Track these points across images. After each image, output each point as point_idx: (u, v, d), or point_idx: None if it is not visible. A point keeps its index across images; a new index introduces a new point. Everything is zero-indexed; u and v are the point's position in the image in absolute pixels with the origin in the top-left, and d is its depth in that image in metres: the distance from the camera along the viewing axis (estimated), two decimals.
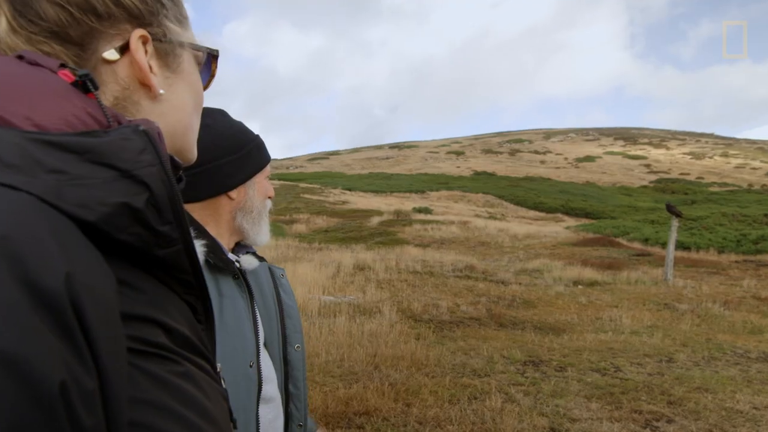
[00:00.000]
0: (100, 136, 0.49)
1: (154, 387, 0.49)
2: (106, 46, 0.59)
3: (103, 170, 0.48)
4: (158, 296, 0.54)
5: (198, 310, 0.63)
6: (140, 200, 0.49)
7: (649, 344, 7.66)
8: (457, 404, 5.04)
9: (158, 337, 0.51)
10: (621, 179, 73.83)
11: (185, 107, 0.70)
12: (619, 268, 15.30)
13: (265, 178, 1.61)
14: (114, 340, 0.44)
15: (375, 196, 48.74)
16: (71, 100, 0.51)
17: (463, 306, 9.91)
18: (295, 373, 1.62)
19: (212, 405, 0.55)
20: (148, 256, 0.52)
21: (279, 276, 1.70)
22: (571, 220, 39.65)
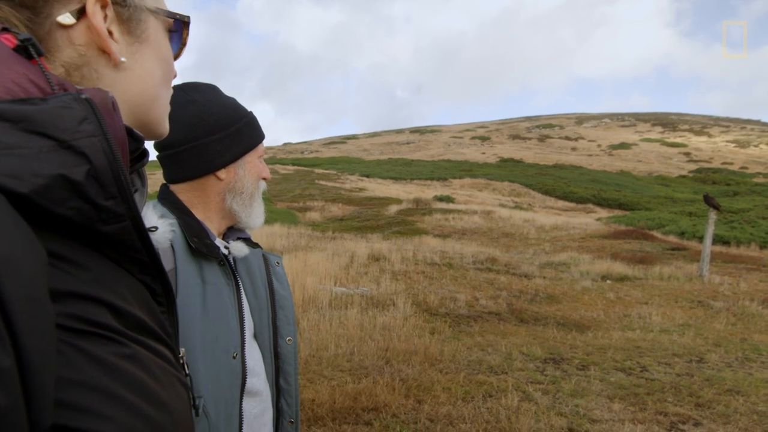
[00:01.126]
0: (37, 104, 0.49)
1: (92, 368, 0.48)
2: (61, 10, 0.59)
3: (39, 140, 0.48)
4: (106, 275, 0.54)
5: (157, 291, 0.63)
6: (79, 172, 0.49)
7: (679, 343, 7.63)
8: (470, 402, 5.07)
9: (101, 316, 0.51)
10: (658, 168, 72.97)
11: (151, 77, 0.69)
12: (651, 263, 15.19)
13: (259, 157, 1.59)
14: (37, 317, 0.43)
15: (394, 183, 48.70)
16: (11, 66, 0.51)
17: (483, 300, 9.92)
18: (285, 367, 1.62)
19: (163, 389, 0.55)
20: (93, 233, 0.52)
21: (274, 264, 1.69)
22: (603, 211, 39.32)
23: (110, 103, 0.55)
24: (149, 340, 0.56)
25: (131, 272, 0.58)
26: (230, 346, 1.41)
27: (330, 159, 72.74)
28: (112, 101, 0.56)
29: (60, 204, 0.48)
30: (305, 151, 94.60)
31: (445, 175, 55.61)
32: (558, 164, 70.52)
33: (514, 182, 51.80)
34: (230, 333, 1.42)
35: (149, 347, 0.56)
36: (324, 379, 5.43)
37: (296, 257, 12.03)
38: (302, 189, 37.53)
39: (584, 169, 66.52)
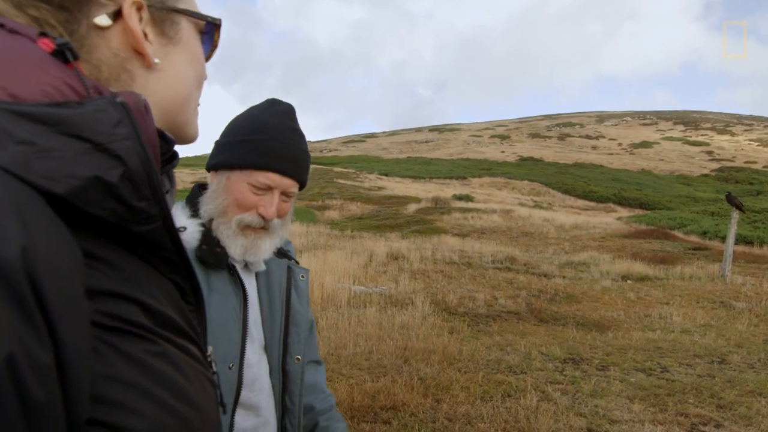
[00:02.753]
0: (74, 108, 0.50)
1: (125, 364, 0.50)
2: (97, 12, 0.60)
3: (75, 142, 0.49)
4: (138, 274, 0.55)
5: (186, 291, 0.64)
6: (114, 174, 0.50)
7: (701, 344, 7.55)
8: (489, 401, 5.07)
9: (134, 315, 0.52)
10: (680, 167, 72.23)
11: (184, 78, 0.70)
12: (672, 263, 15.04)
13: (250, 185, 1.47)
14: (74, 314, 0.44)
15: (413, 181, 48.72)
16: (48, 69, 0.52)
17: (502, 299, 9.90)
18: (291, 387, 1.58)
19: (192, 386, 0.57)
20: (127, 233, 0.54)
21: (298, 277, 1.64)
22: (624, 210, 39.03)
23: (143, 106, 0.56)
24: (179, 338, 0.58)
25: (162, 272, 0.60)
26: (227, 357, 1.40)
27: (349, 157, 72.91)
28: (144, 104, 0.57)
29: (95, 205, 0.49)
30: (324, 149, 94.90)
31: (464, 173, 55.50)
32: (578, 163, 70.07)
33: (533, 181, 51.56)
34: (230, 343, 1.42)
35: (179, 345, 0.57)
36: (342, 378, 5.45)
37: (315, 256, 12.08)
38: (321, 188, 37.65)
39: (605, 168, 66.04)
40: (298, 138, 1.54)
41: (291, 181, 1.50)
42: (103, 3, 0.61)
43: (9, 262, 0.40)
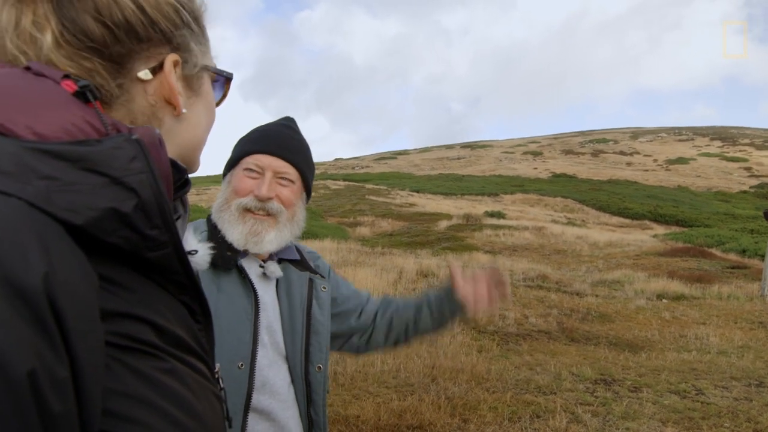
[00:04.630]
0: (93, 145, 0.55)
1: (136, 381, 0.54)
2: (140, 66, 0.67)
3: (94, 177, 0.53)
4: (149, 296, 0.60)
5: (196, 311, 0.68)
6: (128, 205, 0.55)
7: (738, 366, 7.36)
8: (517, 422, 5.00)
9: (145, 334, 0.57)
10: (717, 184, 70.92)
11: (200, 125, 0.78)
12: (710, 282, 14.74)
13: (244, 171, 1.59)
14: (90, 334, 0.49)
15: (444, 198, 48.61)
16: (71, 109, 0.57)
17: (532, 318, 9.79)
18: (314, 397, 1.60)
19: (198, 402, 0.60)
20: (139, 258, 0.58)
21: (320, 289, 1.68)
22: (660, 227, 38.39)
23: (157, 140, 0.61)
24: (187, 356, 0.62)
25: (172, 293, 0.64)
26: (236, 357, 1.43)
27: (380, 174, 73.13)
28: (158, 138, 0.62)
29: (111, 233, 0.54)
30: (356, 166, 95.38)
31: (496, 190, 55.23)
32: (612, 179, 69.25)
33: (566, 198, 51.07)
34: (239, 343, 1.46)
35: (186, 362, 0.62)
36: (369, 396, 5.44)
37: (345, 272, 12.10)
38: (353, 204, 37.78)
39: (640, 185, 65.15)
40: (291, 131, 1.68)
41: (282, 162, 1.60)
42: (146, 59, 0.67)
43: (32, 287, 0.45)
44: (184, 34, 0.71)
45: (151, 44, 0.67)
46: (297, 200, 1.65)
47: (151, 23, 0.66)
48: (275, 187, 1.58)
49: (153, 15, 0.66)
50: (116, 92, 0.66)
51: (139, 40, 0.66)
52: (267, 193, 1.55)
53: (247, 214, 1.55)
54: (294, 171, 1.62)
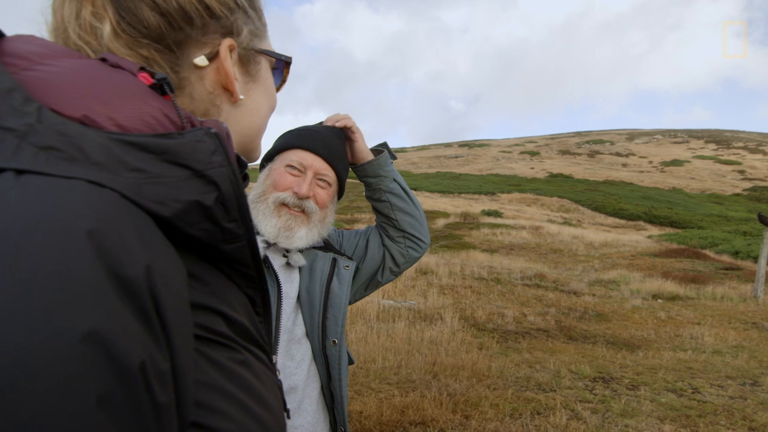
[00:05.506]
0: (176, 138, 0.55)
1: (216, 372, 0.55)
2: (197, 53, 0.67)
3: (178, 170, 0.54)
4: (221, 288, 0.60)
5: (257, 303, 0.69)
6: (210, 198, 0.55)
7: (733, 365, 7.41)
8: (518, 419, 5.03)
9: (220, 326, 0.57)
10: (711, 186, 71.07)
11: (260, 111, 0.78)
12: (704, 283, 14.79)
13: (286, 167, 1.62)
14: (184, 327, 0.50)
15: (441, 196, 48.63)
16: (149, 102, 0.57)
17: (531, 316, 9.83)
18: (333, 373, 1.63)
19: (267, 392, 0.62)
20: (215, 251, 0.59)
21: (342, 267, 1.71)
22: (654, 228, 38.49)
23: (225, 134, 0.62)
24: (253, 347, 0.63)
25: (239, 285, 0.65)
26: None
27: None
28: (226, 132, 0.62)
29: (193, 226, 0.55)
30: None
31: (493, 189, 55.27)
32: (608, 180, 69.35)
33: (563, 198, 51.14)
34: None
35: (254, 353, 0.62)
36: (371, 392, 5.46)
37: None
38: (350, 201, 37.77)
39: (635, 186, 65.26)
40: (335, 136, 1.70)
41: (323, 164, 1.64)
42: (202, 45, 0.67)
43: (137, 280, 0.45)
44: (239, 19, 0.71)
45: (206, 30, 0.67)
46: (330, 203, 1.70)
47: (205, 8, 0.66)
48: (314, 187, 1.62)
49: (207, 0, 0.66)
50: (175, 80, 0.66)
51: (194, 27, 0.66)
52: (306, 192, 1.59)
53: (283, 208, 1.58)
54: (333, 174, 1.67)
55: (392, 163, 1.87)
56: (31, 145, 0.47)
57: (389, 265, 1.85)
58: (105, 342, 0.41)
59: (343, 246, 1.85)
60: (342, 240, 1.87)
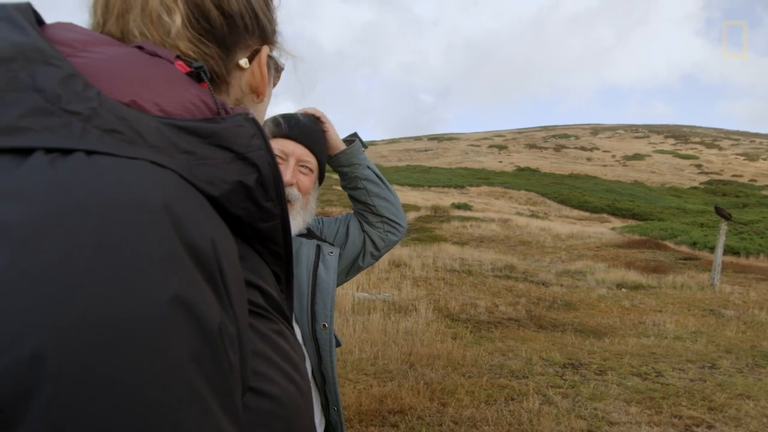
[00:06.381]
0: (219, 123, 0.58)
1: (261, 340, 0.58)
2: (242, 55, 0.72)
3: (223, 152, 0.57)
4: (256, 264, 0.63)
5: (281, 280, 0.72)
6: (251, 179, 0.58)
7: (693, 350, 7.66)
8: (493, 405, 5.15)
9: (259, 299, 0.61)
10: (670, 179, 72.39)
11: (264, 110, 0.84)
12: (664, 272, 15.13)
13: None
14: (242, 297, 0.53)
15: (412, 190, 48.72)
16: (188, 88, 0.59)
17: (502, 306, 9.99)
18: (323, 354, 1.65)
19: (300, 361, 0.66)
20: (252, 229, 0.62)
21: (326, 253, 1.73)
22: (617, 220, 39.10)
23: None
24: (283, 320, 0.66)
25: (267, 262, 0.68)
26: None
27: None
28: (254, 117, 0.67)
29: (236, 205, 0.58)
30: None
31: (462, 182, 55.56)
32: (573, 174, 70.19)
33: (530, 191, 51.64)
34: None
35: (285, 325, 0.66)
36: (350, 383, 5.52)
37: None
38: (320, 194, 37.51)
39: (599, 179, 66.15)
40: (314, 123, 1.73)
41: (304, 150, 1.66)
42: (246, 48, 0.72)
43: (207, 251, 0.48)
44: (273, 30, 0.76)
45: (251, 36, 0.72)
46: (312, 189, 1.72)
47: (255, 15, 0.71)
48: (296, 174, 1.64)
49: (256, 8, 0.71)
50: (225, 77, 0.70)
51: (245, 31, 0.70)
52: (290, 179, 1.61)
53: None
54: (314, 160, 1.69)
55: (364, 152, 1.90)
56: (95, 128, 0.49)
57: (370, 250, 1.88)
58: (188, 305, 0.44)
59: (323, 233, 1.88)
60: (322, 227, 1.90)
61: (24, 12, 0.55)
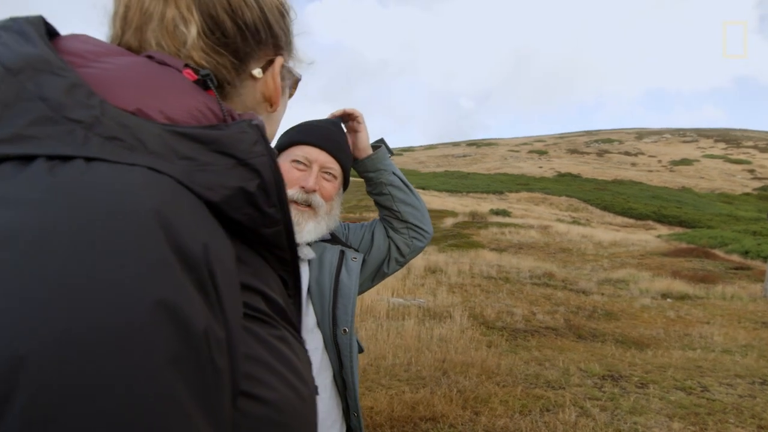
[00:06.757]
0: (222, 129, 0.59)
1: (260, 346, 0.59)
2: (255, 65, 0.73)
3: (225, 158, 0.58)
4: (260, 269, 0.65)
5: (289, 285, 0.74)
6: (253, 185, 0.60)
7: (742, 364, 7.40)
8: (528, 415, 5.05)
9: (260, 304, 0.61)
10: (721, 185, 70.73)
11: (279, 120, 0.86)
12: (713, 282, 14.75)
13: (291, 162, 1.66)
14: (235, 302, 0.54)
15: (450, 195, 48.63)
16: (194, 96, 0.62)
17: (540, 315, 9.84)
18: (344, 360, 1.67)
19: (303, 367, 0.66)
20: (255, 234, 0.63)
21: (350, 259, 1.75)
22: (663, 228, 38.36)
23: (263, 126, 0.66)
24: (288, 326, 0.67)
25: (273, 267, 0.69)
26: None
27: None
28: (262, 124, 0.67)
29: (237, 210, 0.59)
30: None
31: (501, 188, 55.23)
32: (617, 179, 69.14)
33: (571, 197, 51.04)
34: None
35: (290, 331, 0.66)
36: (382, 388, 5.49)
37: None
38: (358, 200, 37.81)
39: (644, 185, 65.02)
40: (338, 129, 1.75)
41: (328, 157, 1.67)
42: (259, 59, 0.74)
43: (198, 256, 0.50)
44: (287, 41, 0.78)
45: (265, 47, 0.74)
46: (336, 195, 1.73)
47: (269, 27, 0.73)
48: (320, 181, 1.66)
49: (270, 19, 0.73)
50: (237, 86, 0.72)
51: (258, 42, 0.72)
52: (313, 185, 1.63)
53: (291, 205, 1.61)
54: (338, 167, 1.70)
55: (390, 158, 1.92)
56: (97, 135, 0.51)
57: (395, 256, 1.89)
58: (173, 309, 0.45)
59: (349, 239, 1.89)
60: (348, 233, 1.91)
61: (35, 24, 0.59)
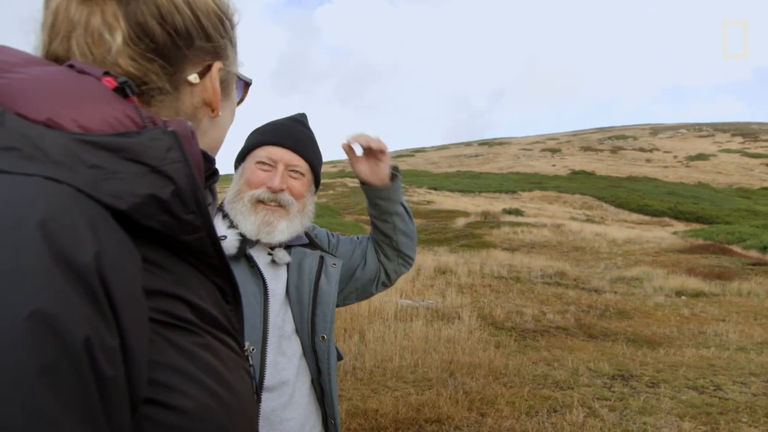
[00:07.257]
0: (133, 137, 0.60)
1: (177, 354, 0.60)
2: (190, 70, 0.73)
3: (135, 166, 0.59)
4: (185, 277, 0.65)
5: (227, 292, 0.75)
6: (166, 192, 0.60)
7: (757, 362, 7.33)
8: (534, 416, 5.04)
9: (181, 311, 0.62)
10: (739, 180, 70.12)
11: (225, 126, 0.85)
12: (729, 279, 14.63)
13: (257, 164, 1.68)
14: (135, 308, 0.54)
15: (462, 195, 48.57)
16: (111, 104, 0.62)
17: (550, 314, 9.81)
18: (321, 367, 1.69)
19: (231, 375, 0.66)
20: (176, 241, 0.63)
21: (329, 265, 1.77)
22: (680, 224, 38.06)
23: (190, 132, 0.67)
24: (220, 333, 0.68)
25: (206, 275, 0.70)
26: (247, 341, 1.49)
27: None
28: (191, 130, 0.67)
29: (150, 218, 0.59)
30: None
31: (513, 187, 55.07)
32: (632, 176, 68.73)
33: (585, 195, 50.81)
34: (251, 329, 1.55)
35: (219, 338, 0.67)
36: (388, 390, 5.50)
37: None
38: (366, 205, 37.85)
39: (659, 182, 64.61)
40: (302, 126, 1.77)
41: (293, 155, 1.69)
42: (195, 64, 0.74)
43: (85, 264, 0.50)
44: (225, 43, 0.78)
45: (200, 52, 0.74)
46: (306, 192, 1.74)
47: (204, 32, 0.73)
48: (287, 180, 1.67)
49: (206, 24, 0.73)
50: (169, 93, 0.72)
51: (192, 47, 0.72)
52: (279, 185, 1.64)
53: (260, 205, 1.64)
54: (305, 164, 1.72)
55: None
56: None
57: (383, 279, 1.92)
58: (49, 319, 0.46)
59: (338, 250, 1.90)
60: (337, 243, 1.92)
61: None
